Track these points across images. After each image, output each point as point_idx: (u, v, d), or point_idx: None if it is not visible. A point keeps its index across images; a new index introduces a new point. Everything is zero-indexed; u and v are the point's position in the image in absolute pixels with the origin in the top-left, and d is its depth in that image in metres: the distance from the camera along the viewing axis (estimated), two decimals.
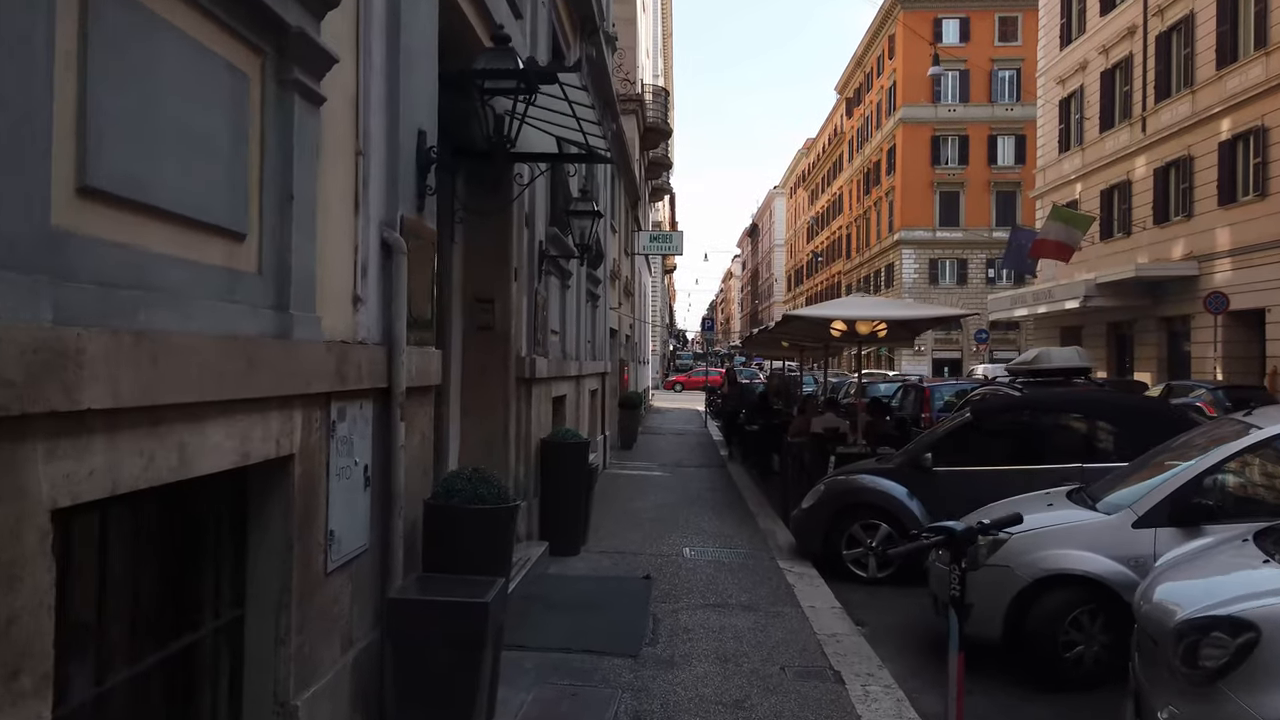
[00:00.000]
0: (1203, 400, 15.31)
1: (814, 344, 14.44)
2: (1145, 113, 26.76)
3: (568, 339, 10.71)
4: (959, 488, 7.76)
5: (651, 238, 21.80)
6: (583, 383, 11.92)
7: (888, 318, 10.49)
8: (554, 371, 9.28)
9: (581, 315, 11.87)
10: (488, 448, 7.52)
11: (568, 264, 10.55)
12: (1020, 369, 12.13)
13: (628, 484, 13.23)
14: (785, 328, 12.01)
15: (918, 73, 47.50)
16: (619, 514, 10.51)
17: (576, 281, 11.43)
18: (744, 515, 10.68)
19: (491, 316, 7.51)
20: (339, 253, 3.80)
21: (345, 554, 3.71)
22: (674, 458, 16.99)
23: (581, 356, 11.76)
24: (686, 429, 24.36)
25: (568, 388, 10.57)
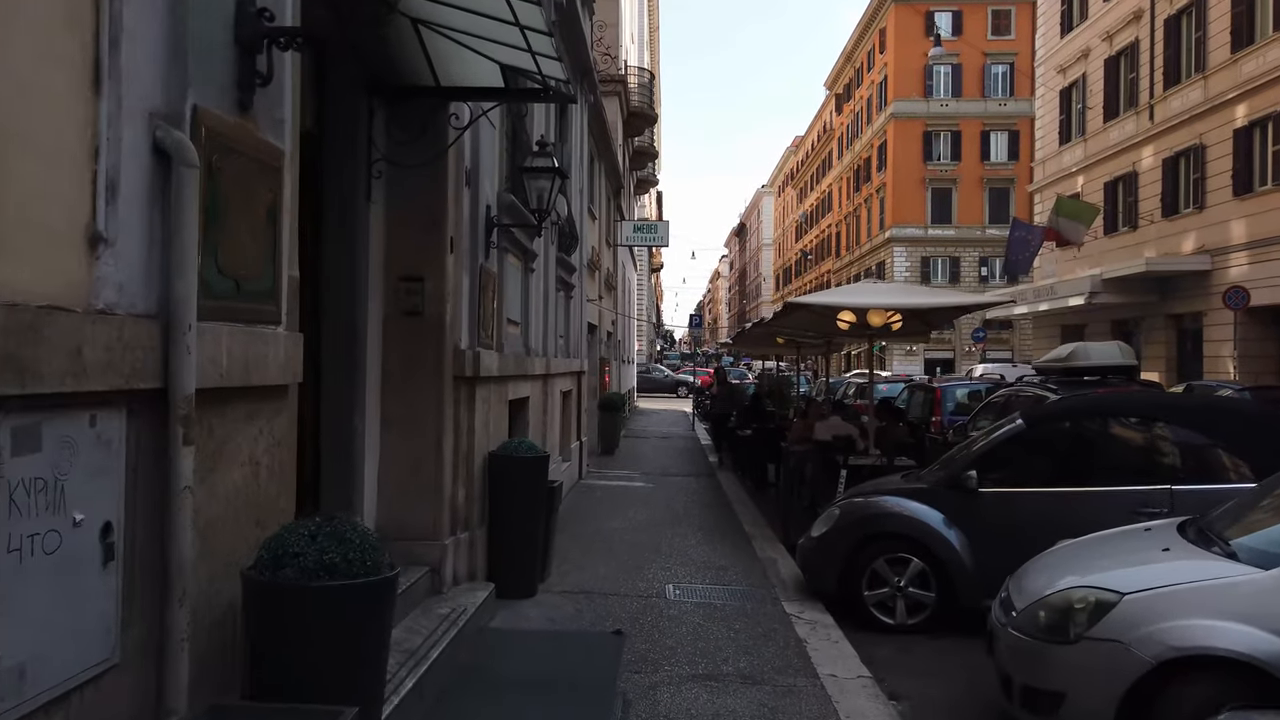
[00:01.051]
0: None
1: (814, 339, 12.81)
2: (1153, 100, 25.28)
3: (532, 332, 9.03)
4: (1010, 514, 6.14)
5: (635, 227, 20.17)
6: (552, 383, 10.25)
7: (908, 306, 8.84)
8: (511, 369, 7.60)
9: (551, 306, 10.19)
10: (415, 468, 5.82)
11: (532, 243, 8.87)
12: (1052, 367, 10.54)
13: (605, 497, 11.54)
14: (783, 321, 10.37)
15: (910, 67, 46.13)
16: (591, 537, 8.82)
17: (544, 265, 9.75)
18: (738, 538, 9.02)
19: (420, 299, 5.82)
20: (51, 152, 2.12)
21: (42, 689, 2.03)
22: (659, 465, 15.32)
23: (550, 352, 10.09)
24: (673, 432, 22.70)
25: (531, 388, 8.90)
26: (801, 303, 8.62)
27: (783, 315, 9.73)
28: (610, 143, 17.48)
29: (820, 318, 10.06)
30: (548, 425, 9.91)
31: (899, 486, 6.76)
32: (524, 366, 8.25)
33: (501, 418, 7.38)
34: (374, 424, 5.74)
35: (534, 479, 6.49)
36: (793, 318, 10.21)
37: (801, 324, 10.74)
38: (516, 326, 8.52)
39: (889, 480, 7.32)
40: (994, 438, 6.44)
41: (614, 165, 18.51)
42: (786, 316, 9.96)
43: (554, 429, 10.47)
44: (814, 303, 8.78)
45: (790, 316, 10.12)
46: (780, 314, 9.65)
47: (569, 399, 12.16)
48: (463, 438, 6.13)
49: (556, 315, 10.96)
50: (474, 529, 6.25)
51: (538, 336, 9.53)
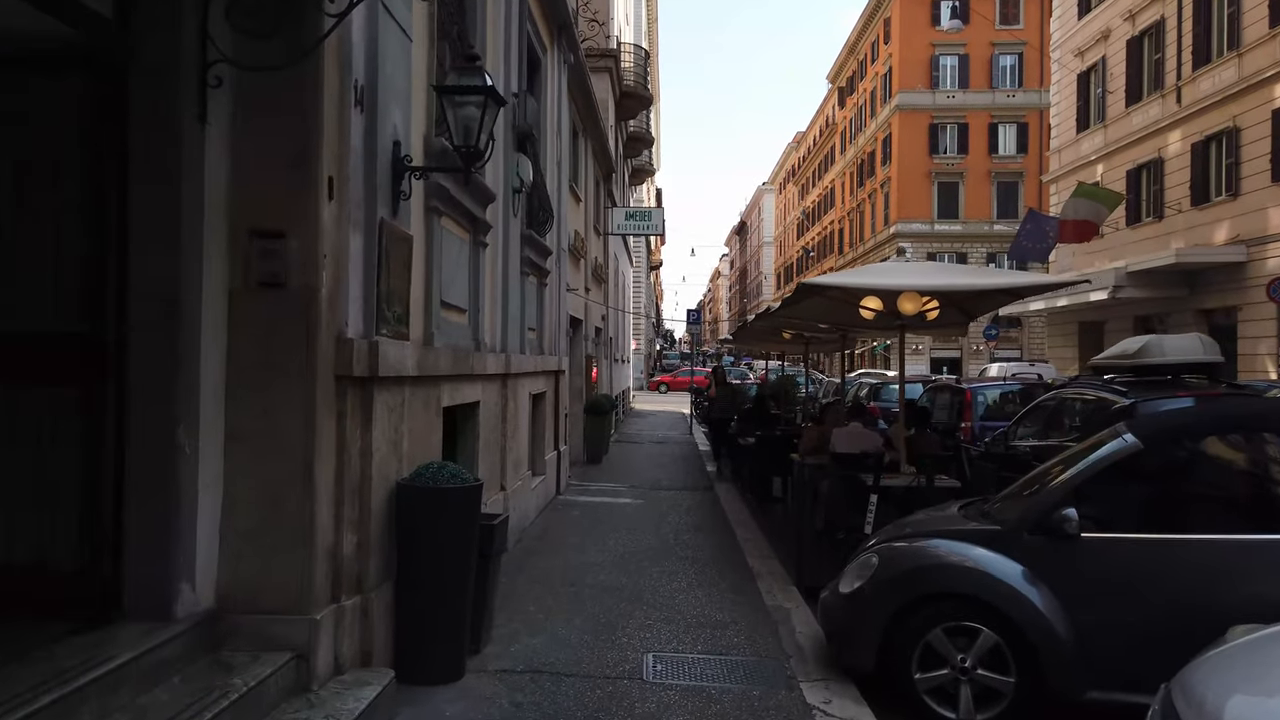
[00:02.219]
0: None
1: (826, 334, 10.97)
2: (1180, 82, 23.42)
3: (484, 321, 7.19)
4: (1130, 570, 4.30)
5: (627, 215, 18.35)
6: (516, 384, 8.41)
7: (956, 288, 6.99)
8: (445, 367, 5.76)
9: (515, 292, 8.35)
10: (273, 504, 3.98)
11: (484, 210, 7.04)
12: (1116, 364, 8.69)
13: (584, 519, 9.70)
14: (794, 309, 8.52)
15: (915, 58, 44.34)
16: (556, 577, 6.98)
17: (502, 240, 7.92)
18: (740, 577, 7.17)
19: (281, 264, 3.98)
20: None
21: None
22: (650, 476, 13.48)
23: (514, 348, 8.26)
24: (669, 436, 20.85)
25: (482, 391, 7.05)
26: (818, 284, 6.77)
27: (794, 301, 7.88)
28: (598, 120, 15.65)
29: (838, 305, 8.22)
30: (509, 436, 8.08)
31: (958, 526, 4.91)
32: (468, 364, 6.41)
33: (429, 430, 5.54)
34: (213, 442, 3.91)
35: (461, 517, 4.65)
36: (805, 305, 8.37)
37: (814, 313, 8.90)
38: (461, 314, 6.69)
39: (939, 514, 5.48)
40: (1096, 461, 4.58)
41: (603, 145, 16.68)
42: (798, 304, 8.11)
43: (518, 440, 8.63)
44: (834, 284, 6.94)
45: (802, 304, 8.29)
46: (791, 300, 7.82)
47: (542, 403, 10.33)
48: (352, 461, 4.29)
49: (524, 304, 9.13)
50: (370, 591, 4.41)
51: (493, 328, 7.69)
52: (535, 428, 10.16)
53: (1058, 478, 4.72)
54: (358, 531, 4.34)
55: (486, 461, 7.29)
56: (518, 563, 7.39)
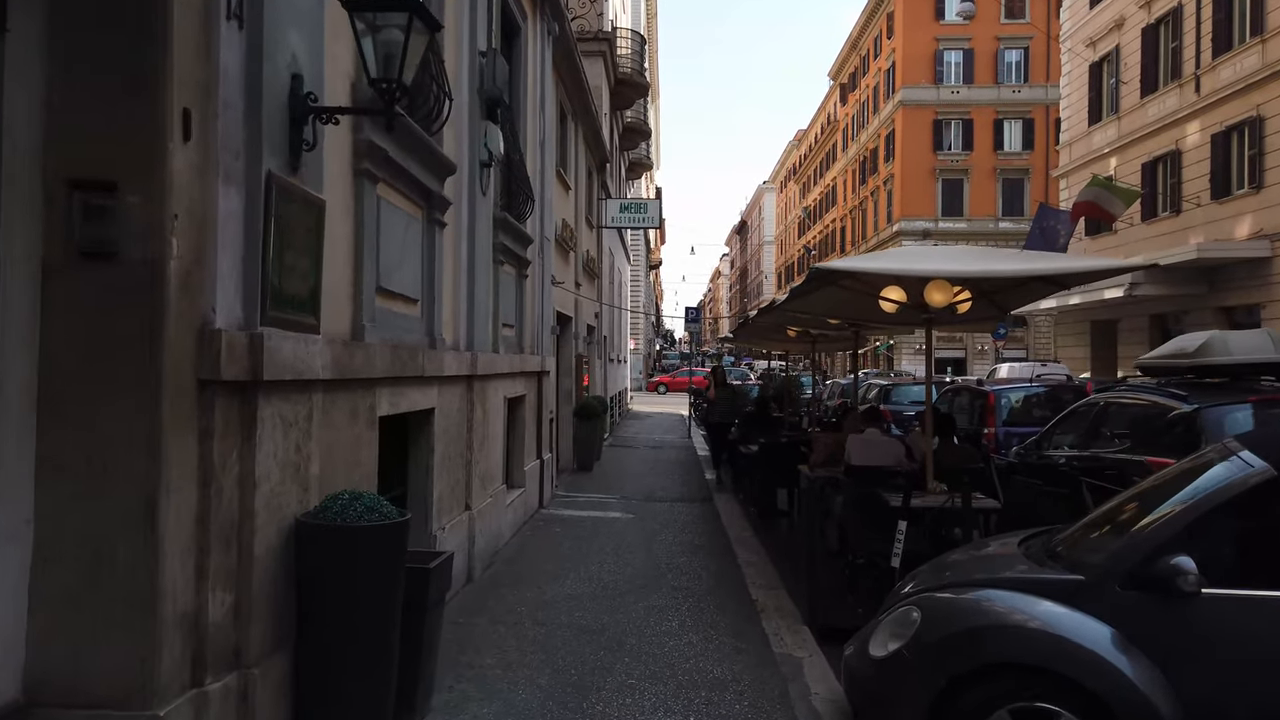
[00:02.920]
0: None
1: (837, 330, 9.86)
2: (1199, 70, 22.29)
3: (441, 314, 6.08)
4: (1264, 642, 3.20)
5: (622, 206, 17.24)
6: (485, 387, 7.30)
7: (995, 274, 5.86)
8: (382, 367, 4.66)
9: (485, 282, 7.24)
10: (101, 557, 2.88)
11: (440, 183, 5.94)
12: (1172, 364, 7.59)
13: (567, 538, 8.60)
14: (804, 301, 7.40)
15: (919, 52, 43.23)
16: (525, 617, 5.87)
17: (467, 221, 6.81)
18: (742, 614, 6.06)
19: (112, 225, 2.88)
20: None
21: None
22: (644, 485, 12.38)
23: (482, 345, 7.15)
24: (666, 440, 19.74)
25: (437, 396, 5.94)
26: (834, 270, 5.66)
27: (805, 291, 6.77)
28: (589, 104, 14.55)
29: (854, 296, 7.11)
30: (476, 447, 6.97)
31: (1020, 572, 3.79)
32: (417, 364, 5.31)
33: (356, 447, 4.43)
34: (20, 476, 2.81)
35: (380, 561, 3.54)
36: (816, 297, 7.25)
37: (826, 306, 7.79)
38: (410, 304, 5.58)
39: (991, 552, 4.37)
40: (1211, 492, 3.47)
41: (595, 133, 15.57)
42: (810, 294, 7.00)
43: (489, 451, 7.52)
44: (852, 270, 5.81)
45: (814, 295, 7.17)
46: (802, 289, 6.70)
47: (521, 407, 9.22)
48: (224, 495, 3.18)
49: (498, 297, 8.03)
50: (253, 665, 3.30)
51: (455, 322, 6.59)
52: (513, 436, 9.06)
53: (1155, 513, 3.60)
54: (233, 588, 3.24)
55: (445, 479, 6.18)
56: (481, 597, 6.28)
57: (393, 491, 5.57)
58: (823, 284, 6.73)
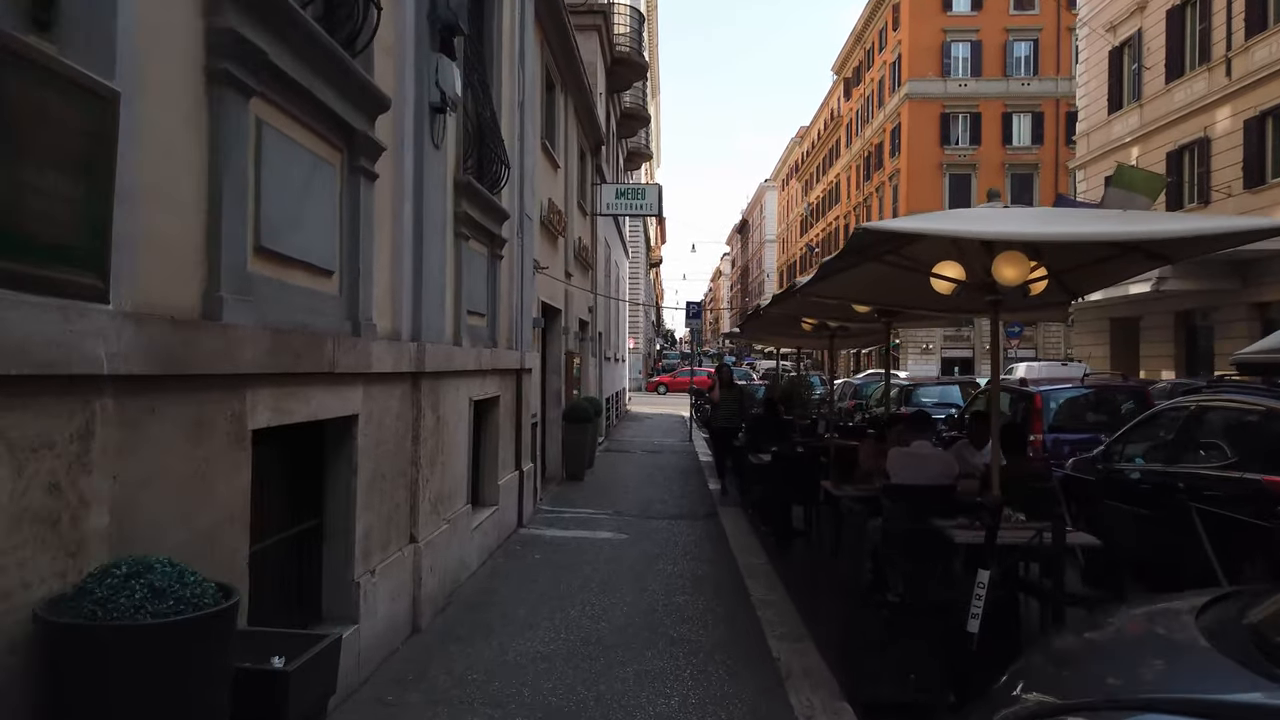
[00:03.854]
0: None
1: (863, 321, 8.39)
2: (1230, 52, 20.83)
3: (368, 292, 4.62)
4: None
5: (619, 192, 15.81)
6: (438, 388, 5.83)
7: (1127, 236, 4.32)
8: (250, 359, 3.21)
9: (436, 256, 5.78)
10: None
11: (367, 120, 4.49)
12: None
13: (543, 569, 7.14)
14: (833, 282, 5.92)
15: (926, 45, 41.83)
16: (474, 693, 4.39)
17: (413, 178, 5.35)
18: (762, 684, 4.59)
19: None
20: None
21: None
22: (640, 497, 10.92)
23: (433, 335, 5.69)
24: (665, 444, 18.29)
25: (355, 400, 4.46)
26: (886, 231, 4.22)
27: (837, 269, 5.32)
28: (581, 76, 13.10)
29: (898, 274, 5.65)
30: (427, 461, 5.51)
31: (1244, 694, 2.34)
32: (323, 355, 3.85)
33: (209, 476, 2.97)
34: None
35: (174, 681, 2.09)
36: (850, 277, 5.80)
37: (860, 288, 6.32)
38: (323, 278, 4.13)
39: (1150, 632, 2.92)
40: None
41: (589, 109, 14.12)
42: (842, 272, 5.54)
43: (447, 465, 6.05)
44: (912, 230, 4.35)
45: (845, 276, 5.72)
46: (833, 267, 5.26)
47: (493, 411, 7.77)
48: None
49: (461, 278, 6.58)
50: None
51: (394, 305, 5.13)
52: (482, 445, 7.61)
53: None
54: None
55: (377, 507, 4.73)
56: (424, 658, 4.83)
57: (298, 527, 4.13)
58: (862, 257, 5.29)
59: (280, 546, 3.96)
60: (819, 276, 5.87)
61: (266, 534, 3.73)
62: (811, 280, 6.13)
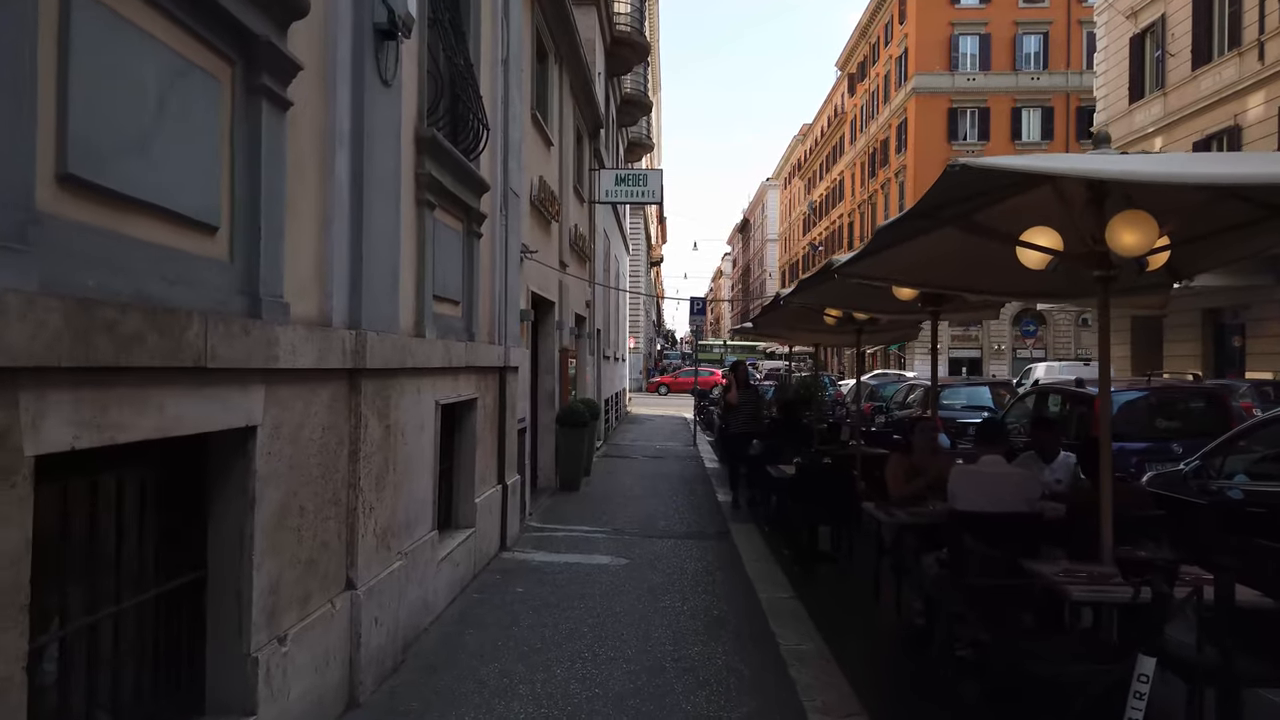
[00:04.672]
0: None
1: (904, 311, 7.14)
2: (1263, 36, 19.59)
3: (274, 257, 3.36)
4: None
5: (619, 178, 14.58)
6: (387, 391, 4.58)
7: None
8: (64, 350, 1.99)
9: (385, 223, 4.54)
10: None
11: (275, 28, 3.25)
12: None
13: (526, 609, 5.90)
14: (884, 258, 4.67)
15: (933, 38, 40.63)
16: None
17: (350, 118, 4.09)
18: None
19: None
20: None
21: None
22: (642, 511, 9.69)
23: (380, 324, 4.44)
24: (668, 447, 17.05)
25: (252, 406, 3.22)
26: (1000, 169, 2.99)
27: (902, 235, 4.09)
28: (578, 48, 11.88)
29: (971, 247, 4.41)
30: (371, 485, 4.27)
31: None
32: (176, 343, 2.62)
33: None
34: None
35: None
36: (904, 251, 4.56)
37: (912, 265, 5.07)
38: (205, 236, 2.90)
39: None
40: None
41: (586, 85, 12.88)
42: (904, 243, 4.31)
43: (403, 485, 4.81)
44: (1040, 170, 3.12)
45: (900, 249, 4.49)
46: (895, 231, 4.03)
47: (469, 414, 6.52)
48: None
49: (425, 255, 5.34)
50: None
51: (320, 280, 3.88)
52: (456, 456, 6.37)
53: None
54: None
55: (290, 551, 3.48)
56: None
57: (168, 585, 2.89)
58: (931, 220, 4.06)
59: (138, 614, 2.73)
60: (869, 250, 4.63)
61: (149, 588, 2.50)
62: (857, 255, 4.88)
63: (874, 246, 4.41)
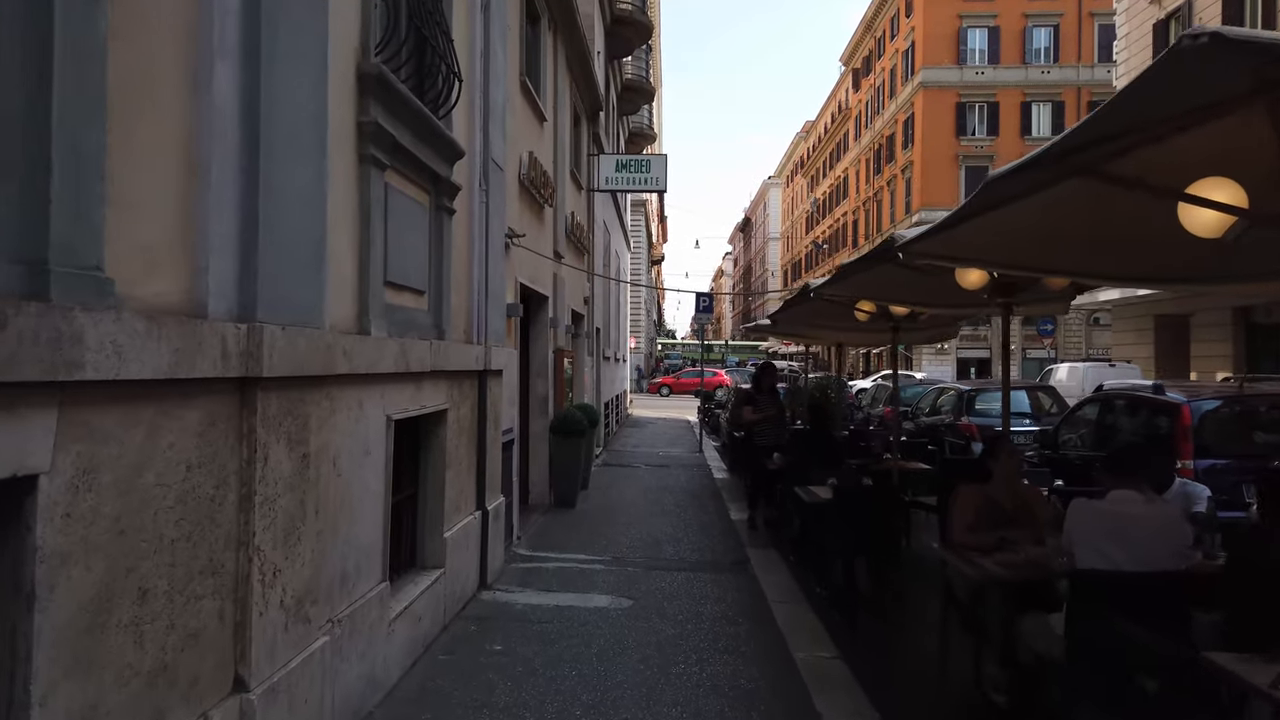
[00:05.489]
0: None
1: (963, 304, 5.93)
2: None
3: (91, 210, 2.16)
4: None
5: (619, 164, 13.37)
6: (304, 404, 3.38)
7: None
8: None
9: (300, 176, 3.34)
10: None
11: None
12: None
13: (500, 678, 4.65)
14: (971, 232, 3.47)
15: (941, 31, 39.40)
16: None
17: (241, 20, 2.89)
18: None
19: None
20: None
21: None
22: (646, 534, 8.45)
23: (286, 313, 3.24)
24: (672, 455, 15.80)
25: (40, 446, 2.02)
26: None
27: (1018, 189, 2.88)
28: (574, 18, 10.65)
29: (1111, 215, 3.20)
30: (273, 543, 3.05)
31: None
32: None
33: None
34: None
35: None
36: (993, 223, 3.34)
37: (995, 242, 3.84)
38: None
39: None
40: None
41: (584, 60, 11.65)
42: (1004, 205, 3.09)
43: (332, 538, 3.57)
44: None
45: (991, 218, 3.27)
46: (1011, 181, 2.83)
47: (436, 430, 5.27)
48: None
49: (370, 228, 4.10)
50: None
51: (191, 254, 2.63)
52: (424, 480, 5.14)
53: None
54: None
55: (125, 661, 2.25)
56: None
57: None
58: (1063, 169, 2.84)
59: None
60: (966, 212, 3.40)
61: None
62: (939, 227, 3.65)
63: (974, 206, 3.17)
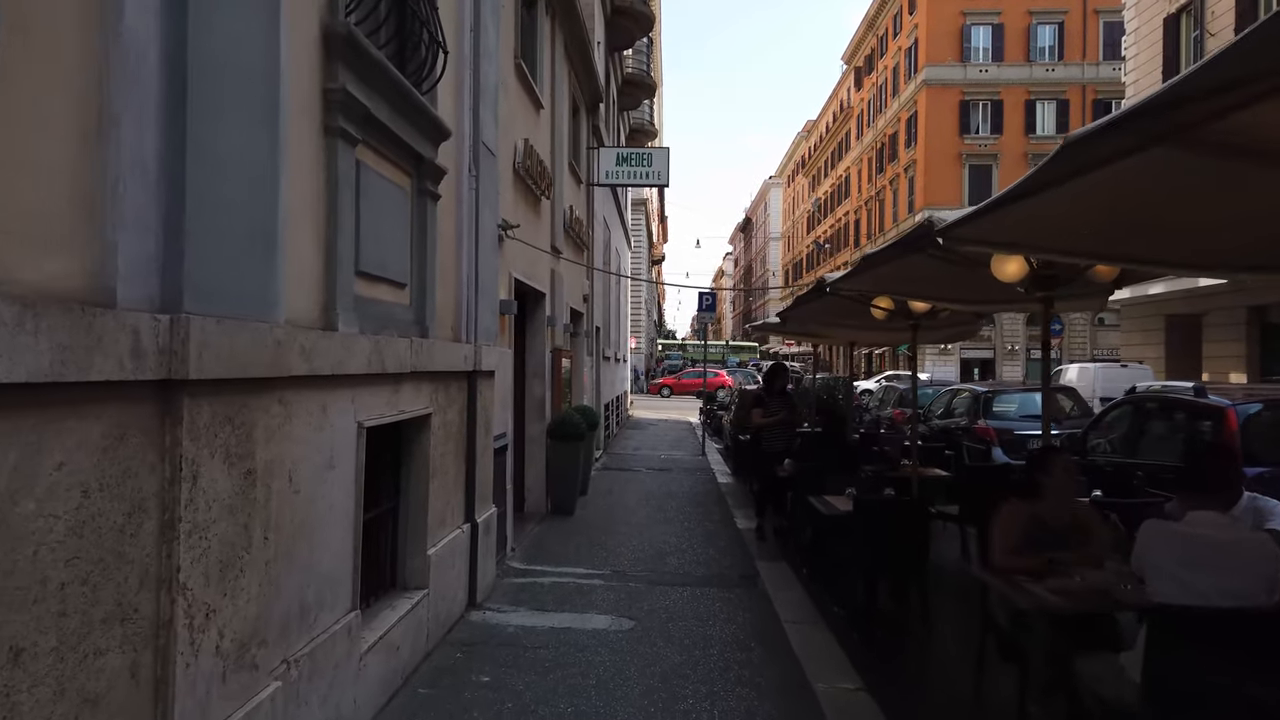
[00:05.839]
0: None
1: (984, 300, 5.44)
2: None
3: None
4: None
5: (620, 158, 12.88)
6: (250, 412, 2.89)
7: None
8: None
9: (257, 145, 2.84)
10: None
11: None
12: None
13: (480, 717, 4.16)
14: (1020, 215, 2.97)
15: (944, 28, 38.92)
16: None
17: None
18: None
19: None
20: None
21: None
22: (648, 544, 7.94)
23: (241, 304, 2.73)
24: (674, 458, 15.30)
25: None
26: None
27: (1099, 155, 2.39)
28: (575, 5, 10.15)
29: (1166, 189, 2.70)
30: (205, 579, 2.55)
31: None
32: None
33: None
34: None
35: None
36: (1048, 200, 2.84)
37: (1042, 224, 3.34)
38: None
39: None
40: None
41: (583, 48, 11.14)
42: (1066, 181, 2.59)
43: (285, 565, 3.07)
44: None
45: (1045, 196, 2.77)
46: (1087, 148, 2.34)
47: (419, 436, 4.76)
48: None
49: (345, 213, 3.60)
50: None
51: (106, 230, 2.12)
52: (405, 493, 4.63)
53: None
54: None
55: None
56: None
57: None
58: (1146, 137, 2.34)
59: None
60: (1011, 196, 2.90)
61: None
62: (988, 206, 3.15)
63: (1044, 178, 2.65)
